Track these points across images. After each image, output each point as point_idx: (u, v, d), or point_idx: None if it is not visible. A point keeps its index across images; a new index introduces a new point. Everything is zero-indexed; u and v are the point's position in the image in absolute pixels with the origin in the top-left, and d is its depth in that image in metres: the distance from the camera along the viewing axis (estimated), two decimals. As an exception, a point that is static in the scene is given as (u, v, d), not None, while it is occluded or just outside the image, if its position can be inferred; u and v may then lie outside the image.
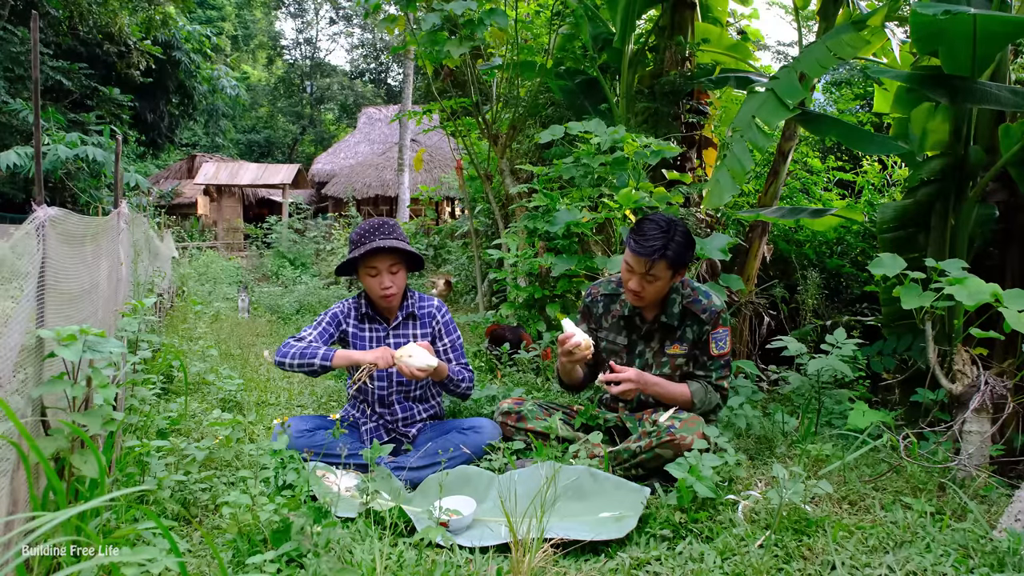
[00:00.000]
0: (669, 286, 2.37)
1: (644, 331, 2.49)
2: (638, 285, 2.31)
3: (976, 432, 2.34)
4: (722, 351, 2.41)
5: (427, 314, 2.64)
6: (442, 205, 18.01)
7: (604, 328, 2.57)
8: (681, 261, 2.29)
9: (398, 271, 2.51)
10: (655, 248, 2.23)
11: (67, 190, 10.42)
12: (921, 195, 3.85)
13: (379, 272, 2.48)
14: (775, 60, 13.88)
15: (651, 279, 2.29)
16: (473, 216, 6.48)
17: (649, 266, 2.26)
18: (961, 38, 3.24)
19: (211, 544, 1.43)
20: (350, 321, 2.60)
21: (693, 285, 2.44)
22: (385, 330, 2.60)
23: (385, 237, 2.48)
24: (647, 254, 2.24)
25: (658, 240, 2.24)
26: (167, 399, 3.17)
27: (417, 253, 2.54)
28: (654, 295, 2.35)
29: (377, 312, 2.60)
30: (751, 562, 1.68)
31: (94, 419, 1.57)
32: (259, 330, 6.30)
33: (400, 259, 2.52)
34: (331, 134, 33.77)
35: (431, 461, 2.31)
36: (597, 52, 5.26)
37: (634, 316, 2.49)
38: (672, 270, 2.30)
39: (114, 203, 3.15)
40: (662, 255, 2.24)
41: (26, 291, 1.41)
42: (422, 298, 2.67)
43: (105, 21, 12.00)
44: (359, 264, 2.49)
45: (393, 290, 2.50)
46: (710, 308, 2.38)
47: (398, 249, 2.47)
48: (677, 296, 2.41)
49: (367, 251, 2.43)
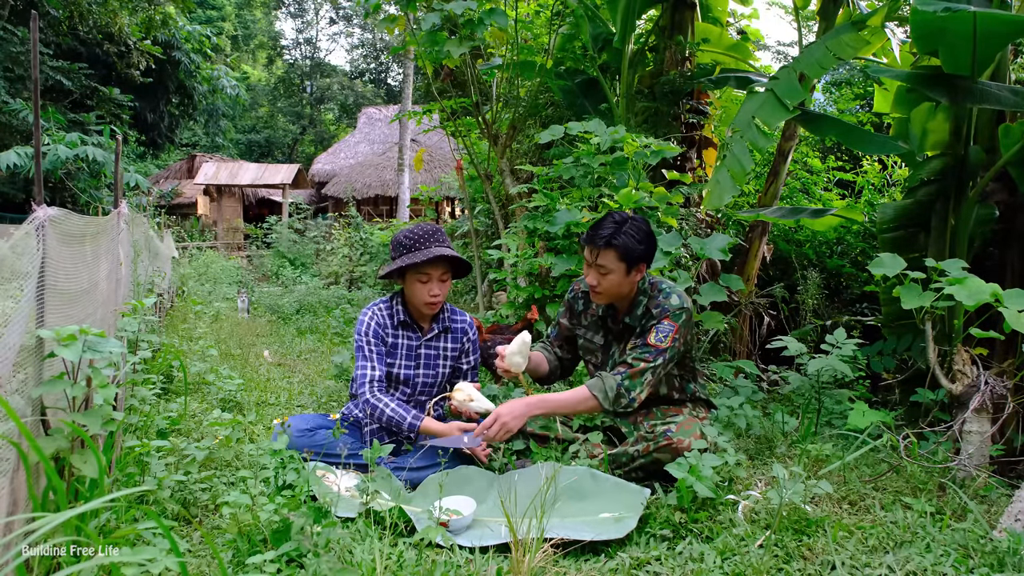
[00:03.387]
0: (628, 283, 2.32)
1: (615, 332, 2.49)
2: (593, 278, 2.33)
3: (976, 432, 2.34)
4: (659, 342, 2.26)
5: (460, 329, 2.65)
6: (442, 205, 17.99)
7: (583, 326, 2.59)
8: (632, 254, 2.27)
9: (447, 280, 2.51)
10: (602, 236, 2.27)
11: (67, 190, 10.42)
12: (921, 195, 3.85)
13: (431, 279, 2.46)
14: (775, 60, 13.88)
15: (602, 271, 2.29)
16: (473, 216, 6.47)
17: (596, 255, 2.29)
18: (961, 37, 3.24)
19: (211, 544, 1.43)
20: (388, 331, 2.57)
21: (661, 286, 2.40)
22: (418, 339, 2.59)
23: (440, 245, 2.47)
24: (593, 242, 2.29)
25: (607, 230, 2.28)
26: (167, 399, 3.17)
27: (468, 262, 2.55)
28: (610, 289, 2.32)
29: (413, 320, 2.59)
30: (751, 562, 1.68)
31: (94, 419, 1.57)
32: (259, 330, 6.30)
33: (450, 268, 2.52)
34: (331, 134, 33.77)
35: (431, 461, 2.31)
36: (597, 52, 5.26)
37: (607, 316, 2.50)
38: (625, 263, 2.27)
39: (114, 203, 3.15)
40: (607, 243, 2.26)
41: (26, 291, 1.41)
42: (454, 311, 2.68)
43: (105, 21, 11.99)
44: (410, 270, 2.46)
45: (440, 298, 2.49)
46: (663, 305, 2.33)
47: (453, 258, 2.47)
48: (643, 298, 2.39)
49: (429, 258, 2.40)
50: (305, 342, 5.69)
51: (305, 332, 6.28)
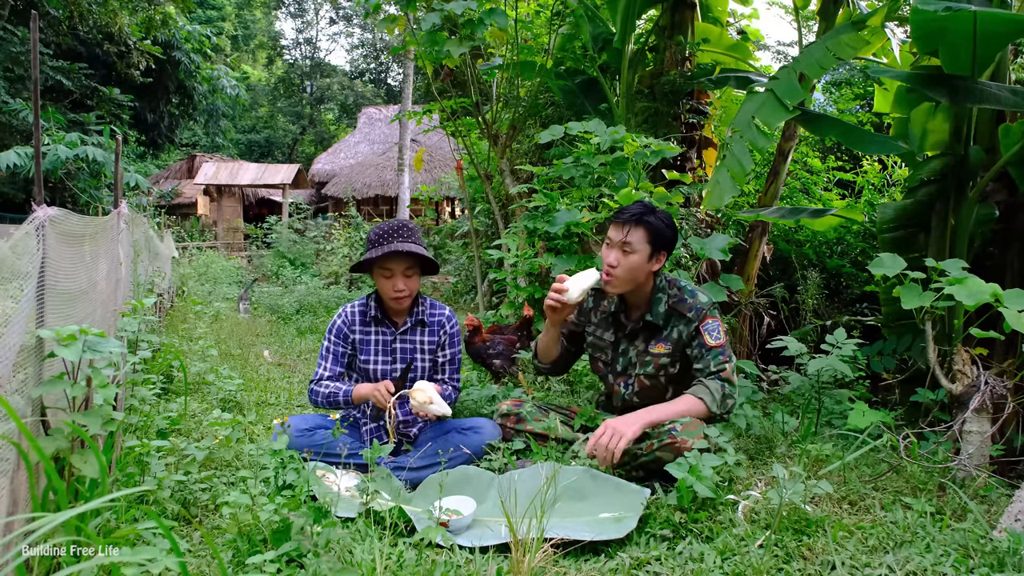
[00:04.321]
0: (645, 270, 2.31)
1: (629, 330, 2.46)
2: (614, 258, 2.29)
3: (976, 432, 2.34)
4: (718, 341, 2.30)
5: (436, 322, 2.64)
6: (442, 205, 18.02)
7: (592, 323, 2.57)
8: (661, 237, 2.28)
9: (412, 275, 2.51)
10: (634, 213, 2.28)
11: (67, 190, 10.42)
12: (921, 195, 3.85)
13: (393, 275, 2.48)
14: (775, 60, 13.89)
15: (627, 248, 2.28)
16: (473, 216, 6.47)
17: (626, 231, 2.27)
18: (961, 37, 3.24)
19: (211, 544, 1.43)
20: (355, 328, 2.59)
21: (680, 284, 2.39)
22: (392, 334, 2.60)
23: (403, 240, 2.48)
24: (625, 219, 2.28)
25: (638, 209, 2.29)
26: (167, 399, 3.17)
27: (433, 259, 2.53)
28: (627, 274, 2.29)
29: (386, 315, 2.60)
30: (751, 562, 1.68)
31: (94, 419, 1.57)
32: (259, 330, 6.30)
33: (416, 263, 2.51)
34: (331, 134, 33.78)
35: (431, 461, 2.31)
36: (597, 52, 5.26)
37: (619, 313, 2.48)
38: (651, 245, 2.28)
39: (114, 203, 3.15)
40: (639, 220, 2.26)
41: (26, 291, 1.41)
42: (433, 304, 2.67)
43: (105, 21, 11.98)
44: (374, 264, 2.49)
45: (405, 293, 2.50)
46: (696, 305, 2.33)
47: (414, 254, 2.47)
48: (663, 295, 2.37)
49: (384, 254, 2.43)
50: (305, 342, 5.69)
51: (305, 332, 6.28)
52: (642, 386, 2.43)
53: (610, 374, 2.52)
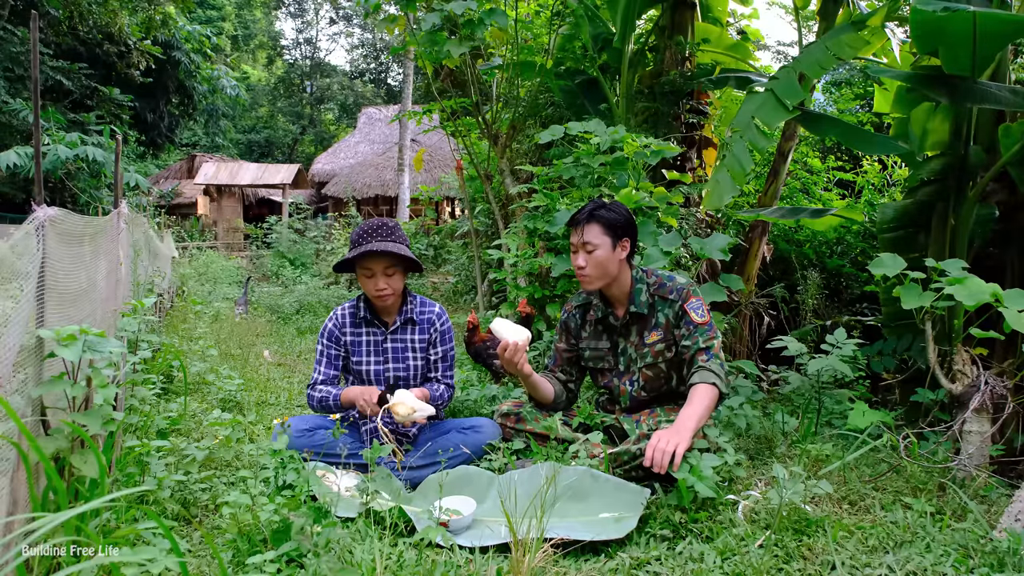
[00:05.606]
0: (615, 260, 2.35)
1: (620, 328, 2.49)
2: (581, 259, 2.36)
3: (976, 432, 2.34)
4: (703, 318, 2.34)
5: (426, 320, 2.62)
6: (442, 205, 18.01)
7: (584, 338, 2.58)
8: (615, 224, 2.34)
9: (394, 274, 2.49)
10: (583, 212, 2.38)
11: (67, 190, 10.41)
12: (921, 195, 3.85)
13: (374, 274, 2.47)
14: (775, 60, 13.87)
15: (589, 247, 2.34)
16: (473, 216, 6.47)
17: (581, 232, 2.35)
18: (961, 37, 3.23)
19: (211, 544, 1.43)
20: (347, 330, 2.59)
21: (657, 272, 2.46)
22: (383, 334, 2.59)
23: (382, 239, 2.47)
24: (576, 222, 2.39)
25: (587, 208, 2.39)
26: (167, 399, 3.17)
27: (414, 257, 2.50)
28: (597, 268, 2.35)
29: (375, 315, 2.59)
30: (751, 562, 1.68)
31: (94, 419, 1.57)
32: (259, 330, 6.30)
33: (397, 262, 2.49)
34: (331, 134, 33.78)
35: (431, 461, 2.31)
36: (597, 52, 5.26)
37: (607, 315, 2.50)
38: (610, 236, 2.34)
39: (114, 203, 3.15)
40: (590, 217, 2.35)
41: (26, 291, 1.41)
42: (423, 302, 2.66)
43: (105, 21, 11.98)
44: (355, 264, 2.49)
45: (388, 291, 2.49)
46: (676, 287, 2.39)
47: (393, 252, 2.45)
48: (643, 285, 2.42)
49: (360, 253, 2.43)
50: (305, 342, 5.70)
51: (305, 332, 6.28)
52: (646, 379, 2.46)
53: (615, 378, 2.54)
